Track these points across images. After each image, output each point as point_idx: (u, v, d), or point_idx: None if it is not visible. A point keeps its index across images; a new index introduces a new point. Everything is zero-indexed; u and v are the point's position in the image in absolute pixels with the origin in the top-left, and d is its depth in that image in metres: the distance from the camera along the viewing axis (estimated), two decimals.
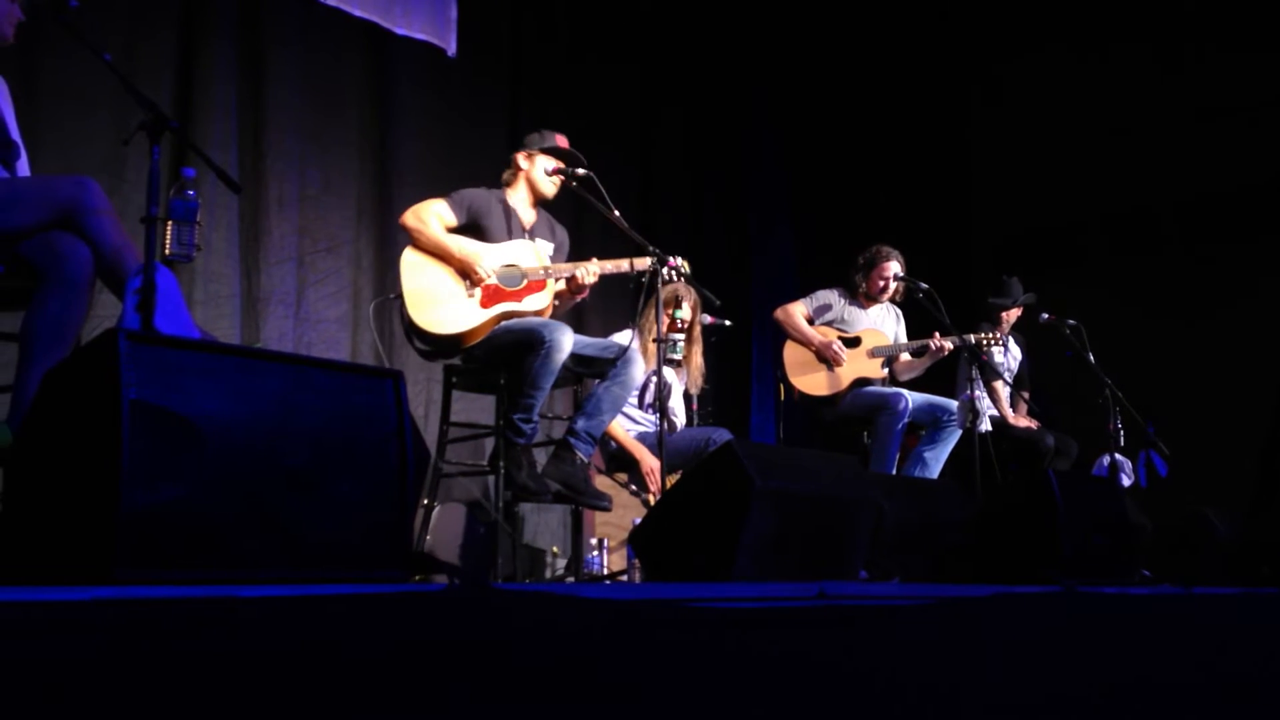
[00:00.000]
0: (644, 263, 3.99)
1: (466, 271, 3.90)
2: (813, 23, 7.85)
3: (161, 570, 1.79)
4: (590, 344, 4.02)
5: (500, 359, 3.87)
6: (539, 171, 4.12)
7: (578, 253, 4.28)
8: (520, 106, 6.16)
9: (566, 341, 3.73)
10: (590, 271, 3.99)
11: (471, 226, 4.02)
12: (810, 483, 3.32)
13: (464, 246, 3.93)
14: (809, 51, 7.88)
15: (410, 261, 3.94)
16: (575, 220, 4.79)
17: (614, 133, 6.46)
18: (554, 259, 4.19)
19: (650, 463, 4.57)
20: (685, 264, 4.04)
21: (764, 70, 7.73)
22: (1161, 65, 6.91)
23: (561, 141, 4.19)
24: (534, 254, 4.05)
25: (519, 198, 4.17)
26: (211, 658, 1.00)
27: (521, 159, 4.16)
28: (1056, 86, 7.40)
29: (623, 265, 4.03)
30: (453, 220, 4.00)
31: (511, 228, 4.09)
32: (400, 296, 3.92)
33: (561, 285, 4.10)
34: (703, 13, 7.31)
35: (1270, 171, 6.53)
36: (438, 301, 3.88)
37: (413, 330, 3.90)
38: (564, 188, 4.14)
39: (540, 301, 3.97)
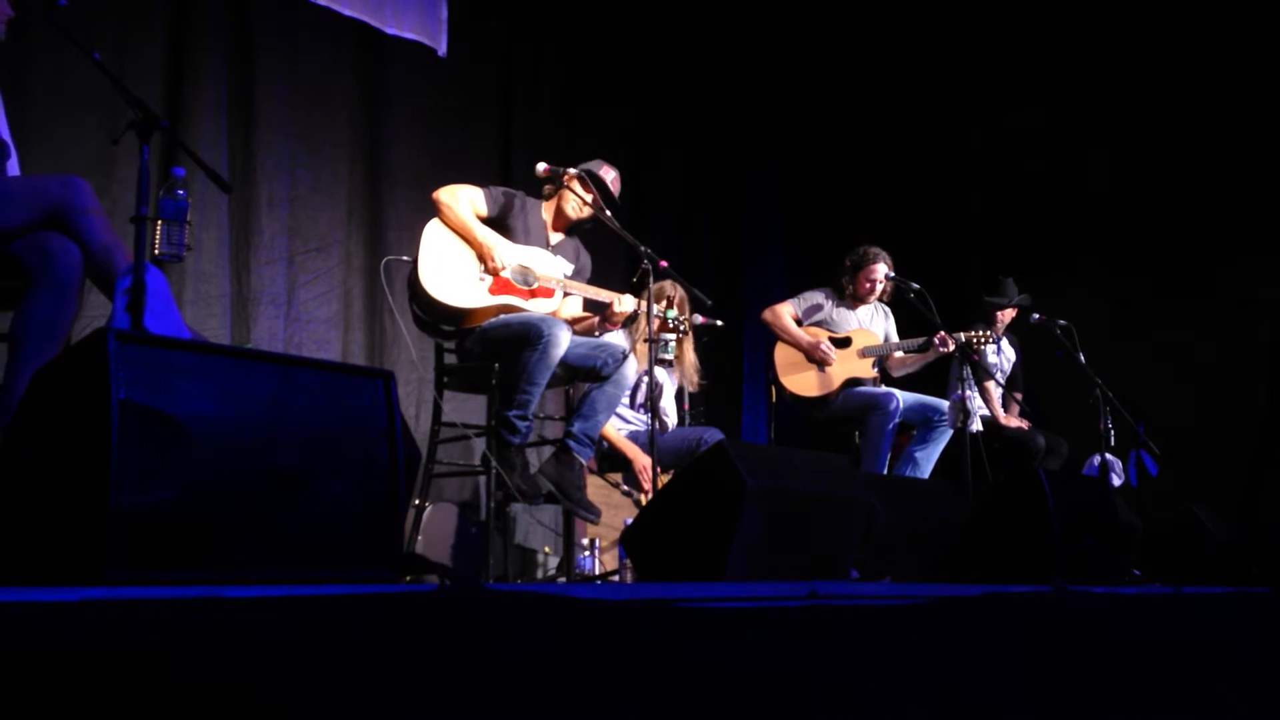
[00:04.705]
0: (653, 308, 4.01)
1: (484, 258, 3.97)
2: (809, 26, 7.86)
3: (151, 571, 1.78)
4: (578, 344, 4.01)
5: (496, 352, 3.88)
6: (573, 198, 4.18)
7: None
8: (511, 107, 6.15)
9: (564, 337, 3.77)
10: (627, 304, 4.10)
11: (498, 223, 4.08)
12: (802, 483, 3.32)
13: (487, 235, 4.01)
14: (804, 53, 7.89)
15: (433, 230, 4.00)
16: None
17: (607, 132, 6.45)
18: (572, 280, 4.25)
19: (643, 460, 4.59)
20: (674, 311, 4.26)
21: (759, 71, 7.72)
22: (1155, 65, 6.93)
23: (608, 175, 4.25)
24: (552, 265, 4.14)
25: (550, 214, 4.26)
26: (202, 658, 1.00)
27: (568, 179, 4.16)
28: (1049, 86, 7.41)
29: (651, 308, 3.99)
30: (484, 210, 4.07)
31: (536, 237, 4.16)
32: (415, 260, 3.96)
33: (574, 307, 4.23)
34: (700, 16, 7.31)
35: (1261, 172, 6.55)
36: (450, 273, 3.93)
37: (417, 295, 3.94)
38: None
39: (545, 307, 4.04)
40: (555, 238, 4.27)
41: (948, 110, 7.99)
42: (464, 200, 4.03)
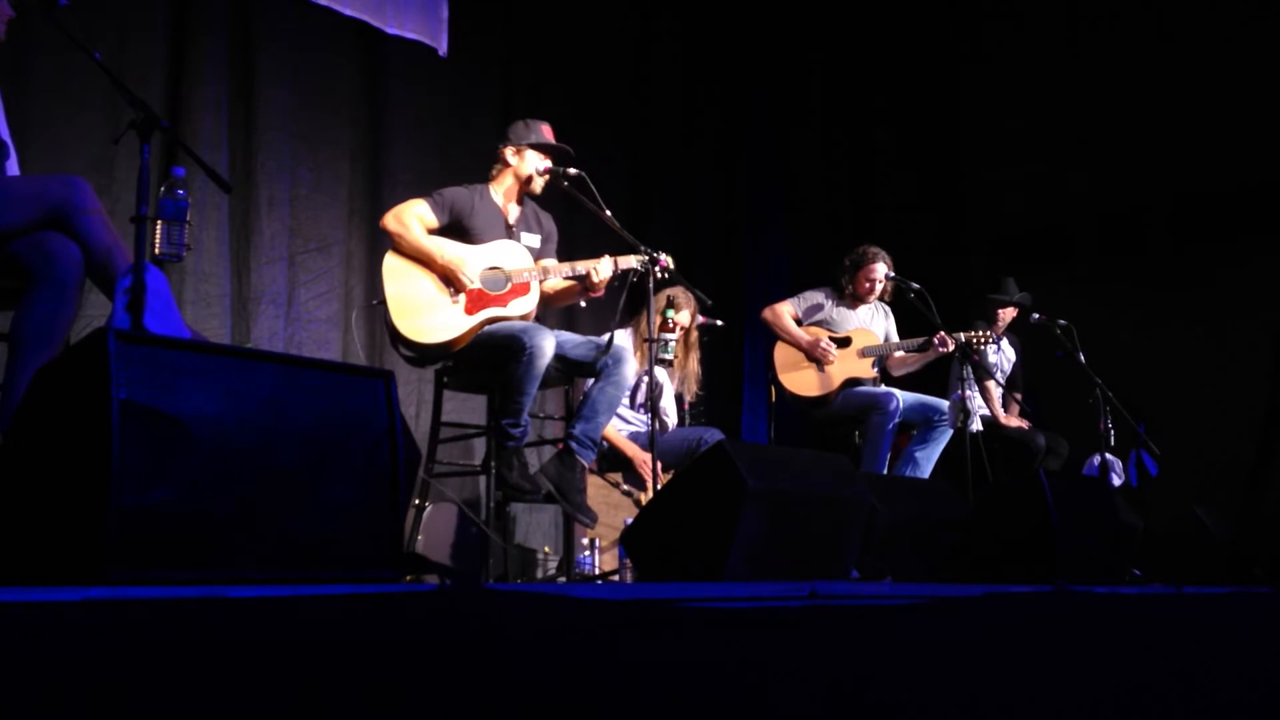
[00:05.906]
0: (629, 261, 3.97)
1: (450, 278, 3.86)
2: (810, 28, 7.86)
3: (153, 571, 1.78)
4: (578, 343, 3.99)
5: (485, 364, 3.86)
6: (528, 167, 4.07)
7: (567, 253, 4.27)
8: (512, 106, 6.15)
9: (548, 345, 3.71)
10: (605, 269, 3.96)
11: (454, 226, 3.97)
12: (802, 483, 3.32)
13: (446, 252, 3.87)
14: (806, 54, 7.89)
15: (392, 266, 3.88)
16: (566, 218, 4.78)
17: (607, 131, 6.45)
18: (542, 250, 4.15)
19: (644, 456, 4.59)
20: (669, 260, 4.02)
21: (762, 70, 7.72)
22: (1154, 64, 6.92)
23: (548, 133, 4.12)
24: (518, 255, 4.01)
25: (503, 193, 4.12)
26: (203, 658, 1.00)
27: (509, 154, 4.11)
28: (1049, 85, 7.41)
29: (631, 261, 3.99)
30: (434, 221, 3.94)
31: (496, 226, 4.04)
32: (384, 303, 3.87)
33: (558, 281, 4.07)
34: (701, 14, 7.31)
35: (1262, 171, 6.55)
36: (422, 308, 3.82)
37: (397, 338, 3.85)
38: (553, 186, 4.12)
39: (526, 305, 3.93)
40: (513, 212, 4.12)
41: (948, 110, 7.98)
42: (412, 220, 3.89)
